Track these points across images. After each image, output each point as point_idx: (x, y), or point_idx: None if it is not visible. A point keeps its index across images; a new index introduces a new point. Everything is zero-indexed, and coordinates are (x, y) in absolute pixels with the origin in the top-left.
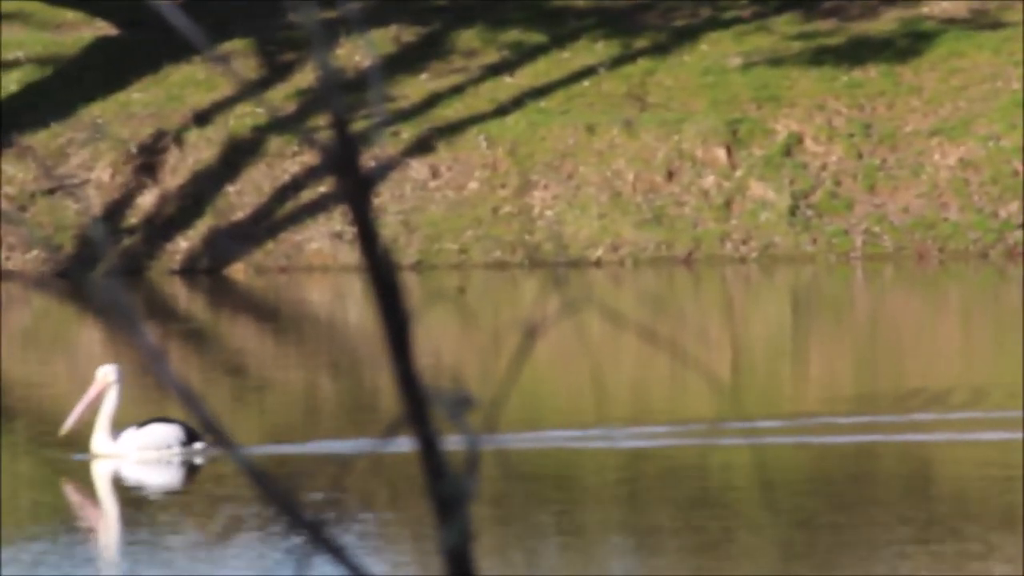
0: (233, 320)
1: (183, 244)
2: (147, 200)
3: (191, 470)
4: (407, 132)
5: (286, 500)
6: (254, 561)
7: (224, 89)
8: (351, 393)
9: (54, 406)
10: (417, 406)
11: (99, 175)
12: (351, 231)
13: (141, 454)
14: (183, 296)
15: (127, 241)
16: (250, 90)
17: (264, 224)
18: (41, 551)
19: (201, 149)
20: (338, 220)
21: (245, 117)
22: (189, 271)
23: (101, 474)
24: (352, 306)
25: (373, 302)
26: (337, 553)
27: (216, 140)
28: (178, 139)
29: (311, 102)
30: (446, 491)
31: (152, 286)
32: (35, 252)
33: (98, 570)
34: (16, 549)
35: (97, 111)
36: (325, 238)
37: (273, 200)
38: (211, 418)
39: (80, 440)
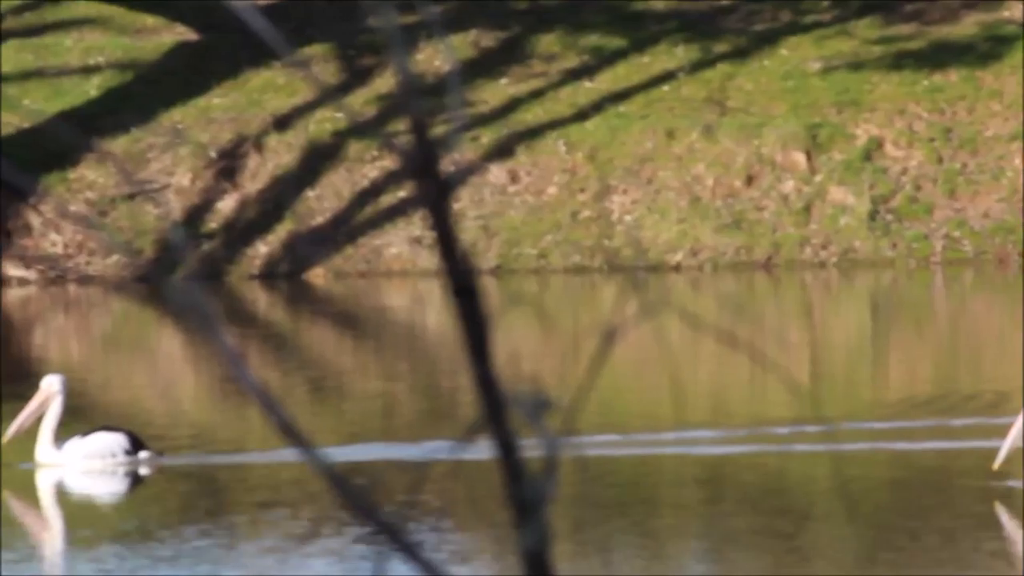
0: (312, 325)
1: (263, 249)
2: (227, 205)
3: (136, 480)
4: (487, 137)
5: (364, 503)
6: (333, 564)
7: (304, 94)
8: (429, 397)
9: (133, 410)
10: (496, 409)
11: (179, 180)
12: (430, 236)
13: (85, 463)
14: (262, 301)
15: (207, 246)
16: (330, 95)
17: (343, 229)
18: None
19: (281, 154)
20: (417, 225)
21: (325, 122)
22: (268, 276)
23: (45, 484)
24: (431, 311)
25: (452, 306)
26: (414, 556)
27: (296, 145)
28: (258, 144)
29: (391, 107)
30: (524, 494)
31: (231, 291)
32: (115, 257)
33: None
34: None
35: (177, 116)
36: (404, 243)
37: (352, 205)
38: (288, 421)
39: (26, 450)
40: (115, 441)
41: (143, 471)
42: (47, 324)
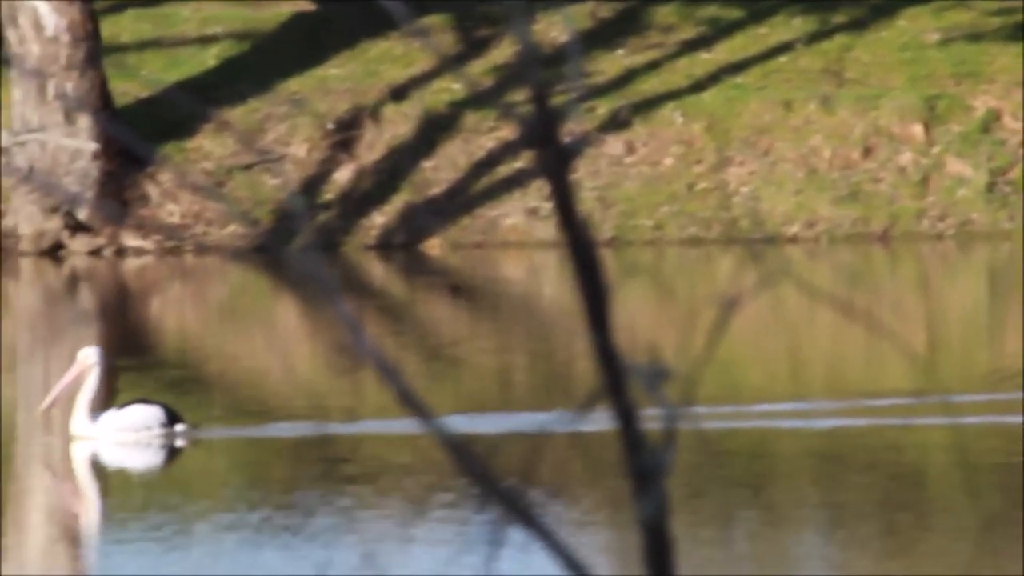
0: (428, 295)
1: (379, 219)
2: (343, 175)
3: (172, 452)
4: (603, 108)
5: (483, 473)
6: (449, 534)
7: (421, 64)
8: (545, 368)
9: (251, 379)
10: (615, 378)
11: (296, 150)
12: (547, 207)
13: (120, 436)
14: (378, 271)
15: (323, 216)
16: (447, 65)
17: (460, 200)
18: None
19: (398, 124)
20: (534, 196)
21: (442, 92)
22: (385, 246)
23: (80, 456)
24: (547, 282)
25: (571, 275)
26: (533, 525)
27: (413, 115)
28: (375, 114)
29: (508, 78)
30: (643, 463)
31: (347, 261)
32: (232, 227)
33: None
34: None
35: (294, 86)
36: (521, 214)
37: (469, 176)
38: (407, 389)
39: (61, 422)
40: (151, 414)
41: (179, 444)
42: (164, 294)
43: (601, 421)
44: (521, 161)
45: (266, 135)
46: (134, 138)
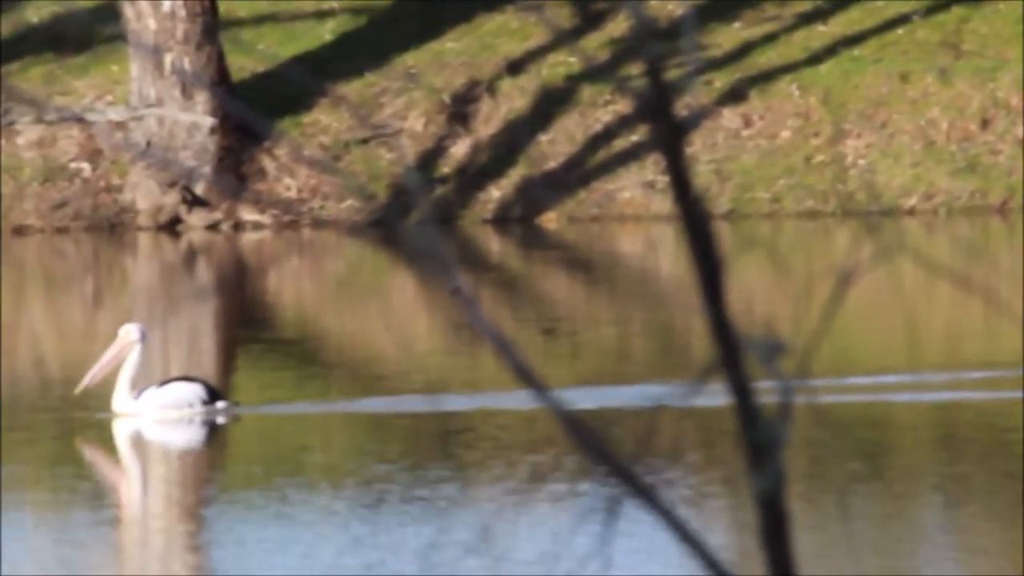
0: (544, 269)
1: (495, 193)
2: (460, 149)
3: (213, 429)
4: (720, 81)
5: (599, 446)
6: (564, 509)
7: (537, 38)
8: (661, 341)
9: (368, 353)
10: (731, 351)
11: (412, 124)
12: (663, 180)
13: (161, 413)
14: (495, 245)
15: (440, 190)
16: (564, 39)
17: (576, 173)
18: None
19: (514, 98)
20: (650, 169)
21: (558, 66)
22: (501, 220)
23: (121, 432)
24: (663, 255)
25: (686, 248)
26: (650, 499)
27: (529, 89)
28: (491, 88)
29: (624, 51)
30: (759, 436)
31: (464, 235)
32: (349, 201)
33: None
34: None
35: (410, 61)
36: (637, 187)
37: (585, 149)
38: (523, 364)
39: (104, 398)
40: (192, 391)
41: (220, 421)
42: (281, 268)
43: (716, 395)
44: (637, 135)
45: (383, 109)
46: (251, 112)
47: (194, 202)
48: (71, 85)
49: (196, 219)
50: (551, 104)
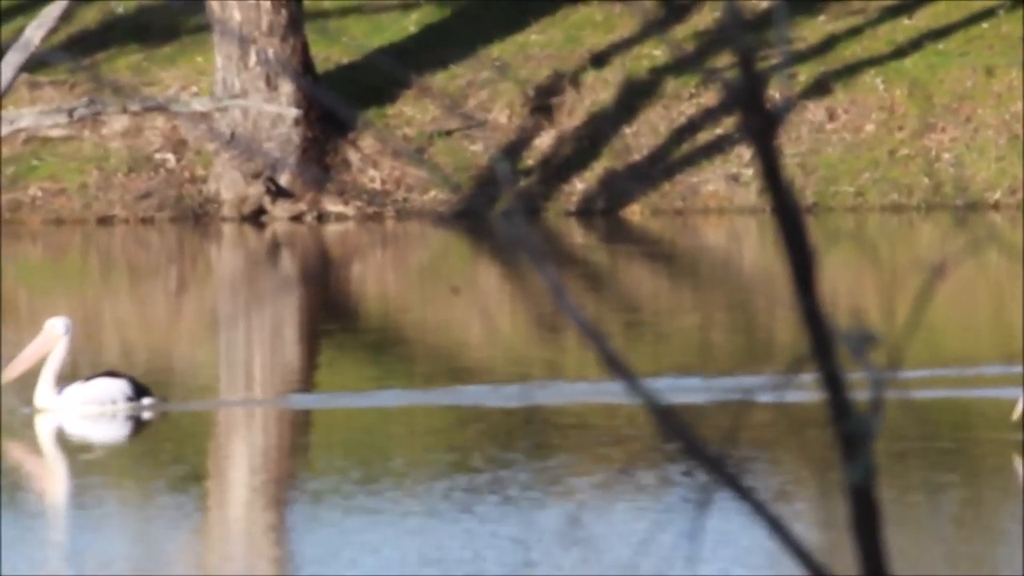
0: (628, 261)
1: (579, 186)
2: (544, 142)
3: (139, 425)
4: (804, 74)
5: (689, 437)
6: (651, 500)
7: (622, 30)
8: (746, 334)
9: (450, 343)
10: (822, 343)
11: (496, 116)
12: (747, 173)
13: (85, 408)
14: (579, 237)
15: (524, 182)
16: (652, 29)
17: (660, 166)
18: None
19: (598, 90)
20: (734, 162)
21: (643, 59)
22: (585, 212)
23: (44, 428)
24: (747, 248)
25: (778, 239)
26: (739, 489)
27: (614, 82)
28: (575, 80)
29: (709, 43)
30: (850, 428)
31: (548, 227)
32: (432, 192)
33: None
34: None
35: (495, 52)
36: (721, 180)
37: (669, 142)
38: (612, 353)
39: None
40: (117, 387)
41: (145, 417)
42: (365, 259)
43: (803, 387)
44: (722, 127)
45: (467, 102)
46: (338, 102)
47: (278, 193)
48: (156, 76)
49: (280, 210)
50: (635, 96)
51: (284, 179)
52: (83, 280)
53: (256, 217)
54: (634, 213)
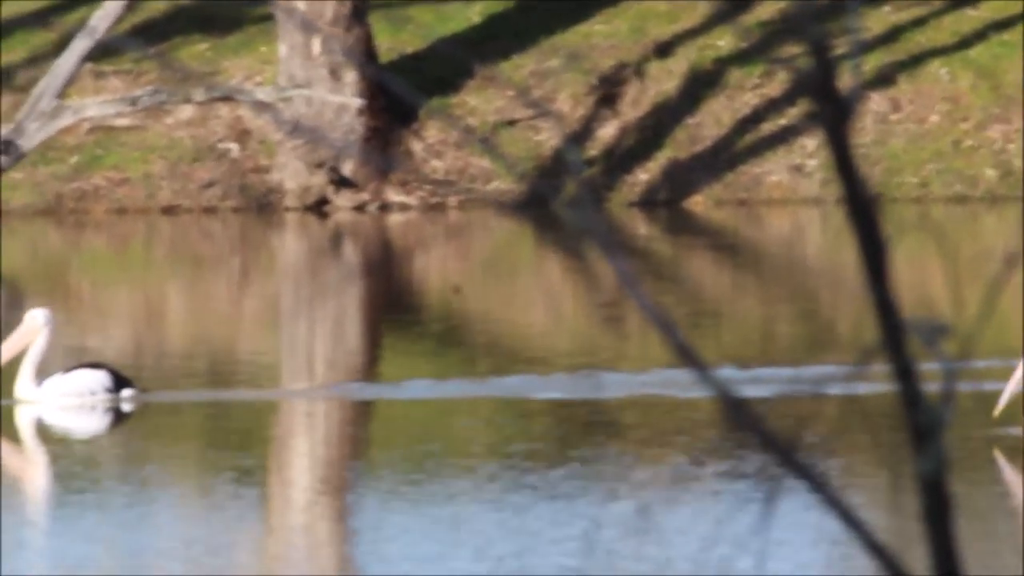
0: (692, 251)
1: (642, 176)
2: (607, 132)
3: (119, 417)
4: (869, 64)
5: (761, 427)
6: (721, 490)
7: (686, 21)
8: (809, 324)
9: (514, 334)
10: (894, 333)
11: (560, 107)
12: (811, 164)
13: (64, 400)
14: (642, 227)
15: (587, 172)
16: (722, 16)
17: (724, 156)
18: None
19: (662, 81)
20: (798, 153)
21: (707, 49)
22: (648, 203)
23: (24, 420)
24: (811, 239)
25: (849, 229)
26: (811, 479)
27: (677, 72)
28: (639, 71)
29: (773, 34)
30: (922, 419)
31: (612, 217)
32: (495, 182)
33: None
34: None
35: (559, 42)
36: (785, 170)
37: (733, 132)
38: (684, 342)
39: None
40: (96, 378)
41: (125, 409)
42: (428, 249)
43: (873, 378)
44: (786, 118)
45: (530, 91)
46: (405, 88)
47: (341, 183)
48: (220, 66)
49: (343, 200)
50: (699, 87)
51: (347, 169)
52: (146, 270)
53: (319, 207)
54: (697, 204)
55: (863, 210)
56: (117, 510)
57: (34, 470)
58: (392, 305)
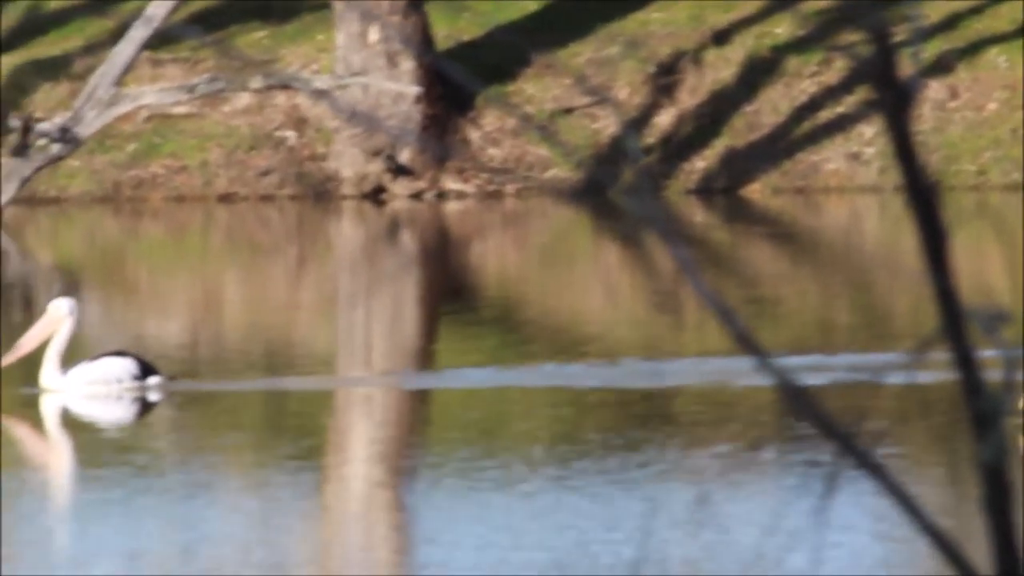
0: (749, 239)
1: (700, 164)
2: (664, 120)
3: (146, 406)
4: (927, 52)
5: (820, 413)
6: (777, 477)
7: (743, 9)
8: (867, 313)
9: (570, 322)
10: (955, 321)
11: (617, 94)
12: (869, 152)
13: (90, 388)
14: (699, 215)
15: (645, 160)
16: (771, 9)
17: (780, 144)
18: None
19: (720, 69)
20: (855, 140)
21: (764, 37)
22: (705, 191)
23: (49, 409)
24: (868, 227)
25: (910, 216)
26: (871, 467)
27: (735, 60)
28: (696, 59)
29: (830, 21)
30: (983, 407)
31: (669, 205)
32: (552, 170)
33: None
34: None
35: (616, 30)
36: (842, 158)
37: (790, 120)
38: (744, 329)
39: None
40: (122, 366)
41: (152, 397)
42: (485, 236)
43: (932, 366)
44: (843, 106)
45: (587, 79)
46: (465, 76)
47: (398, 171)
48: (277, 54)
49: (400, 188)
50: (756, 75)
51: (404, 157)
52: (203, 258)
53: (376, 195)
54: (754, 192)
55: (924, 197)
56: (173, 501)
57: (59, 458)
58: (449, 293)
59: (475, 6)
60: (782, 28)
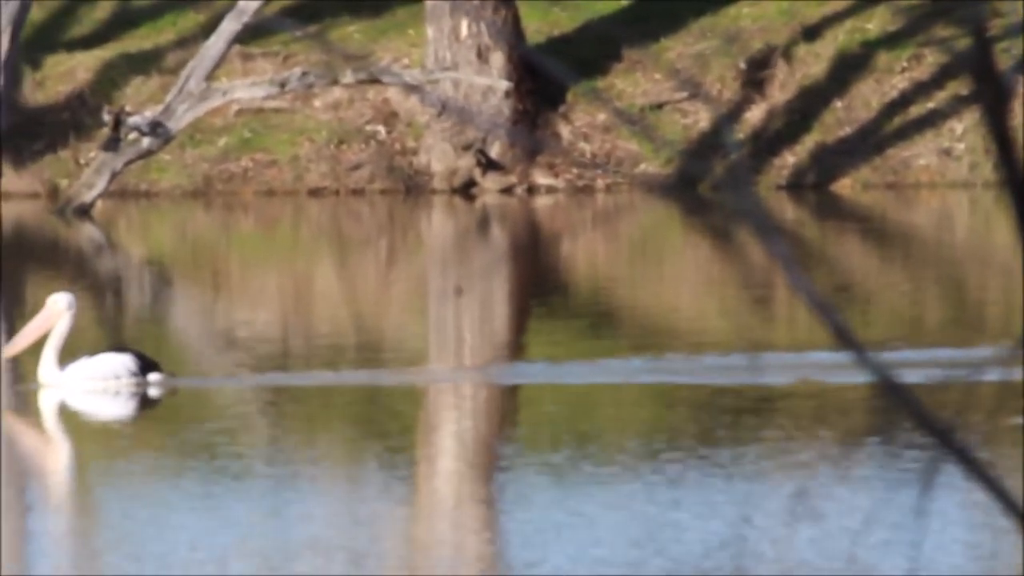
0: (839, 235)
1: (790, 159)
2: (754, 115)
3: (144, 402)
4: (1016, 48)
5: (919, 408)
6: (883, 473)
7: (835, 4)
8: (959, 309)
9: (661, 316)
10: None
11: (708, 89)
12: (960, 147)
13: (88, 384)
14: (790, 210)
15: (734, 155)
16: (863, 4)
17: (871, 140)
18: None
19: (810, 64)
20: (946, 136)
21: (855, 32)
22: (795, 186)
23: (47, 404)
24: (960, 223)
25: (1008, 211)
26: (969, 462)
27: (825, 55)
28: (787, 54)
29: (922, 17)
30: None
31: (765, 200)
32: (643, 165)
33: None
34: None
35: (707, 25)
36: (933, 154)
37: (881, 116)
38: (842, 324)
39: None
40: (120, 362)
41: (152, 393)
42: (576, 231)
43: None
44: (934, 101)
45: (678, 74)
46: (558, 68)
47: (488, 166)
48: (368, 48)
49: (490, 182)
50: (847, 70)
51: (495, 151)
52: (294, 251)
53: (466, 189)
54: (845, 187)
55: (1021, 192)
56: (263, 495)
57: (57, 454)
58: (539, 288)
59: (565, 1)
60: (873, 23)
